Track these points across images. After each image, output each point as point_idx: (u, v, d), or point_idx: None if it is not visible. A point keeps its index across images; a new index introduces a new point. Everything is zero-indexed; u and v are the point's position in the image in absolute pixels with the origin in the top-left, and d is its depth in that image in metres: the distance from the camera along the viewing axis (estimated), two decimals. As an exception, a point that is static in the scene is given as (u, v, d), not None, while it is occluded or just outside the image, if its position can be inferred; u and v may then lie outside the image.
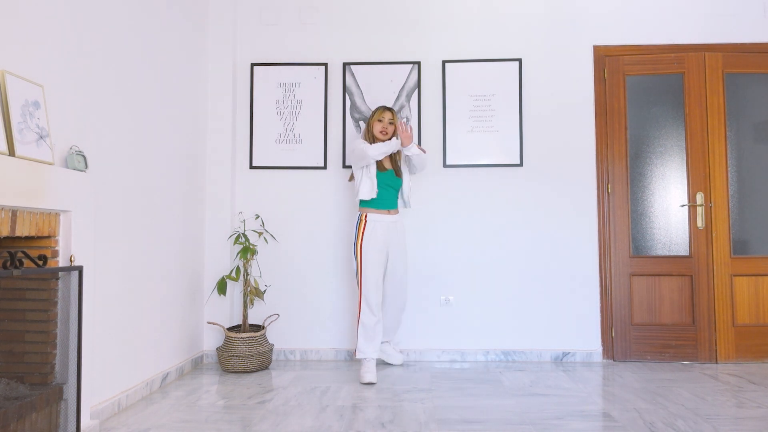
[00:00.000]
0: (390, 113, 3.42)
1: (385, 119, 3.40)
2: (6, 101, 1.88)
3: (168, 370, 3.17)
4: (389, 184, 3.40)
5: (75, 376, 2.14)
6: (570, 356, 3.73)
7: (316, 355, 3.80)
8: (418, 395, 2.94)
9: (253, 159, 3.90)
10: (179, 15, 3.41)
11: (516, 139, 3.82)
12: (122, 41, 2.75)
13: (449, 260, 3.81)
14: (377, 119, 3.41)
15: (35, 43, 2.11)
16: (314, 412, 2.65)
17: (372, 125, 3.42)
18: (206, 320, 3.70)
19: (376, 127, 3.40)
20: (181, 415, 2.61)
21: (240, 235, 3.60)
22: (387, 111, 3.42)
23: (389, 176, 3.40)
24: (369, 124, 3.44)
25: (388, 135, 3.40)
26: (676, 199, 3.78)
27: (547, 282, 3.78)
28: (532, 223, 3.81)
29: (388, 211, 3.40)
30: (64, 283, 2.14)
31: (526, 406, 2.73)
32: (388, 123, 3.40)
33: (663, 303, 3.73)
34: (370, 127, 3.42)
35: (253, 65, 3.93)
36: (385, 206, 3.39)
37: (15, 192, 1.83)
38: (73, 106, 2.34)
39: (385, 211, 3.38)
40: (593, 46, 3.86)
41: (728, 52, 3.79)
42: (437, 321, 3.80)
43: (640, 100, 3.85)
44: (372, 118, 3.43)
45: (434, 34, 3.92)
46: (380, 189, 3.35)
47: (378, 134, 3.39)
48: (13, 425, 1.87)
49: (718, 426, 2.43)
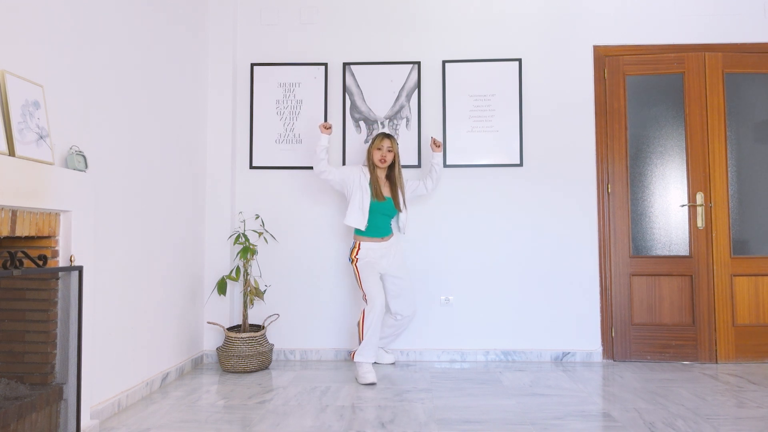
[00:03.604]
0: (389, 140, 3.37)
1: (384, 147, 3.36)
2: (6, 101, 1.88)
3: (168, 370, 3.17)
4: (384, 213, 3.38)
5: (75, 376, 2.14)
6: (570, 356, 3.73)
7: (316, 355, 3.80)
8: (418, 395, 2.94)
9: (253, 159, 3.90)
10: (179, 15, 3.41)
11: (516, 139, 3.82)
12: (122, 41, 2.75)
13: (449, 260, 3.81)
14: (376, 147, 3.37)
15: (35, 43, 2.11)
16: (314, 412, 2.65)
17: (372, 153, 3.38)
18: (206, 320, 3.70)
19: (375, 156, 3.36)
20: (181, 415, 2.60)
21: (240, 235, 3.60)
22: (386, 138, 3.38)
23: (386, 206, 3.37)
24: (369, 152, 3.41)
25: (387, 163, 3.37)
26: (676, 199, 3.78)
27: (547, 282, 3.78)
28: (532, 223, 3.81)
29: (381, 238, 3.38)
30: (64, 283, 2.14)
31: (526, 406, 2.73)
32: (387, 151, 3.36)
33: (663, 303, 3.73)
34: (370, 155, 3.39)
35: (253, 65, 3.93)
36: (378, 234, 3.38)
37: (15, 192, 1.83)
38: (73, 106, 2.34)
39: (378, 239, 3.37)
40: (593, 46, 3.86)
41: (728, 52, 3.79)
42: (437, 321, 3.80)
43: (640, 100, 3.85)
44: (371, 146, 3.40)
45: (434, 34, 3.92)
46: (373, 217, 3.33)
47: (377, 162, 3.36)
48: (13, 425, 1.87)
49: (718, 426, 2.43)
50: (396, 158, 3.41)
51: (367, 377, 3.15)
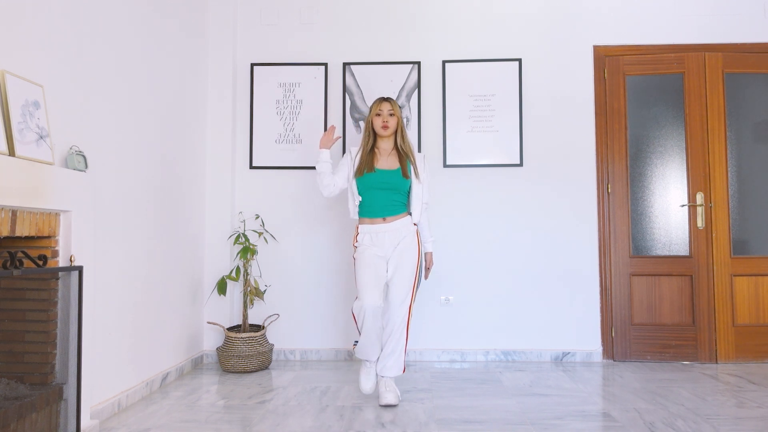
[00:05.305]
0: (389, 104, 2.90)
1: (384, 111, 2.88)
2: (6, 101, 1.88)
3: (168, 370, 3.17)
4: (383, 187, 2.83)
5: (75, 376, 2.14)
6: (570, 356, 3.73)
7: (316, 355, 3.80)
8: (418, 395, 2.94)
9: (253, 159, 3.90)
10: (179, 15, 3.41)
11: (516, 139, 3.82)
12: (122, 41, 2.75)
13: (449, 260, 3.81)
14: (375, 113, 2.90)
15: (35, 44, 2.11)
16: (314, 412, 2.65)
17: (371, 121, 2.92)
18: (206, 320, 3.70)
19: (376, 123, 2.89)
20: (181, 415, 2.60)
21: (240, 235, 3.60)
22: (385, 102, 2.90)
23: (385, 177, 2.83)
24: (368, 121, 2.94)
25: (390, 129, 2.88)
26: (676, 199, 3.77)
27: (546, 282, 3.78)
28: (532, 223, 3.81)
29: (382, 219, 2.82)
30: (64, 283, 2.14)
31: (526, 406, 2.73)
32: (388, 115, 2.88)
33: (663, 303, 3.73)
34: (369, 124, 2.92)
35: (253, 65, 3.93)
36: (374, 214, 2.83)
37: (15, 192, 1.83)
38: (73, 106, 2.34)
39: (380, 220, 2.82)
40: (593, 46, 3.86)
41: (728, 52, 3.79)
42: (437, 321, 3.80)
43: (640, 100, 3.85)
44: (370, 113, 2.93)
45: (434, 34, 3.92)
46: (368, 193, 2.84)
47: (380, 130, 2.88)
48: (13, 425, 1.87)
49: (718, 426, 2.43)
50: (400, 123, 2.91)
51: (362, 386, 2.86)
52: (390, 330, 2.79)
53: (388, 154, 2.91)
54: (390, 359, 2.80)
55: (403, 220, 2.85)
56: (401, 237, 2.82)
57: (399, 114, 2.91)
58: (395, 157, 2.90)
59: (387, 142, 2.92)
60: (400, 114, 2.93)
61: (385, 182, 2.83)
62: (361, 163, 2.86)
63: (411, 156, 2.90)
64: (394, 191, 2.84)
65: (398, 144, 2.91)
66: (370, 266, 2.76)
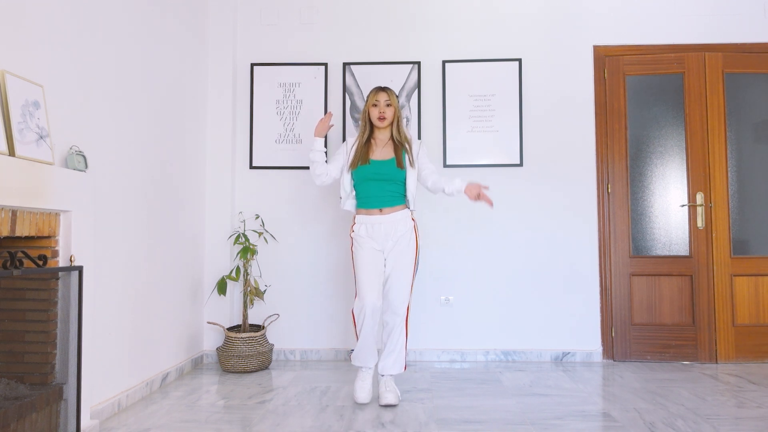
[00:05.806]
0: (385, 93, 2.82)
1: (381, 101, 2.81)
2: (6, 101, 1.88)
3: (168, 370, 3.17)
4: (377, 178, 2.79)
5: (75, 376, 2.14)
6: (570, 356, 3.73)
7: (316, 355, 3.80)
8: (418, 395, 2.94)
9: (253, 159, 3.90)
10: (179, 15, 3.41)
11: (516, 139, 3.82)
12: (122, 41, 2.75)
13: (449, 260, 3.81)
14: (372, 104, 2.83)
15: (35, 43, 2.11)
16: (314, 412, 2.65)
17: (368, 112, 2.84)
18: (206, 320, 3.70)
19: (372, 113, 2.82)
20: (181, 415, 2.60)
21: (240, 235, 3.60)
22: (382, 92, 2.83)
23: (378, 168, 2.79)
24: (364, 111, 2.86)
25: (387, 120, 2.82)
26: (676, 199, 3.78)
27: (546, 282, 3.78)
28: (532, 223, 3.81)
29: (380, 210, 2.78)
30: (64, 283, 2.14)
31: (526, 406, 2.73)
32: (385, 105, 2.81)
33: (663, 303, 3.73)
34: (366, 114, 2.85)
35: (253, 65, 3.93)
36: (370, 204, 2.79)
37: (15, 192, 1.83)
38: (73, 106, 2.34)
39: (376, 211, 2.79)
40: (593, 46, 3.86)
41: (728, 52, 3.79)
42: (437, 321, 3.80)
43: (640, 100, 3.85)
44: (367, 103, 2.85)
45: (434, 34, 3.92)
46: (362, 185, 2.80)
47: (377, 121, 2.81)
48: (13, 425, 1.87)
49: (718, 426, 2.43)
50: (397, 113, 2.85)
51: (356, 395, 2.78)
52: (390, 328, 2.80)
53: (384, 145, 2.87)
54: (391, 357, 2.81)
55: (400, 213, 2.81)
56: (399, 232, 2.78)
57: (396, 104, 2.85)
58: (390, 148, 2.86)
59: (384, 132, 2.88)
60: (397, 104, 2.87)
61: (380, 173, 2.79)
62: (356, 155, 2.83)
63: (408, 145, 2.86)
64: (389, 182, 2.80)
65: (393, 134, 2.86)
66: (369, 263, 2.74)
